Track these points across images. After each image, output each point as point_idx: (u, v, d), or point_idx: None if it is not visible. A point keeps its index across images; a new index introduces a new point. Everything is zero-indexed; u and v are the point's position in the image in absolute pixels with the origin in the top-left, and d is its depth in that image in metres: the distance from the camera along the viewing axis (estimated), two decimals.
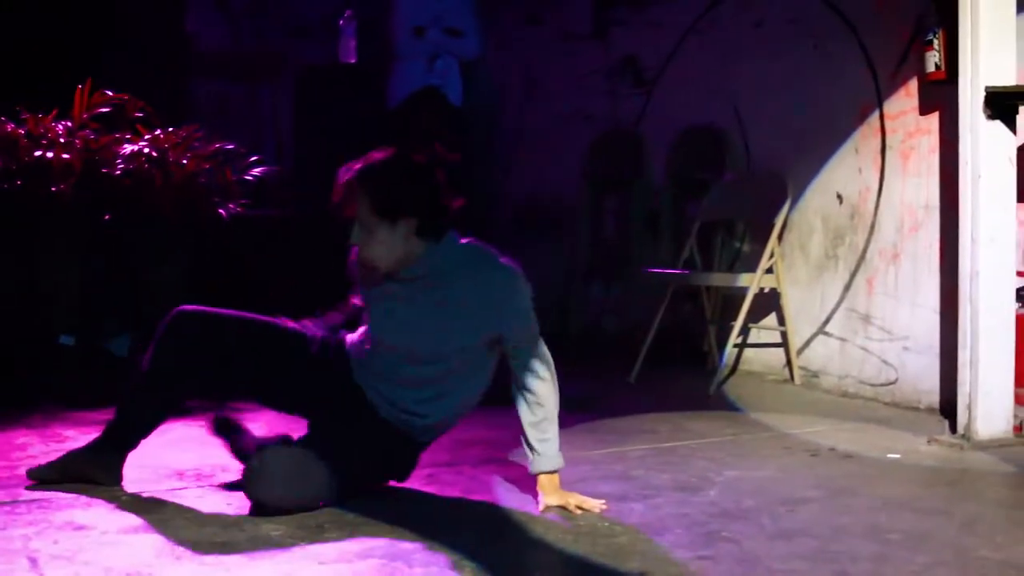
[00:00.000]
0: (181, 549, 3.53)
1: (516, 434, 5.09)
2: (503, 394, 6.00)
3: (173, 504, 4.07)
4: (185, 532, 3.72)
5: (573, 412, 5.70)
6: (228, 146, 7.08)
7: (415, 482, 4.36)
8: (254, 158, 7.29)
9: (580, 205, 8.55)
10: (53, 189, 6.45)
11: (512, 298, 4.02)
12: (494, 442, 5.06)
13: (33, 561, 3.41)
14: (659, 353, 6.98)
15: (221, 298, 6.85)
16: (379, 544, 3.60)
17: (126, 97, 6.86)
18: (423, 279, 4.01)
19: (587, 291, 8.48)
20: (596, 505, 4.00)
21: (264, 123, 9.87)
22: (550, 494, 4.03)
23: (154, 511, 3.96)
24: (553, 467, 4.06)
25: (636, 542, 3.68)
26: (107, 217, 6.63)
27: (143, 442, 4.21)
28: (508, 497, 4.21)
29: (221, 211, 6.82)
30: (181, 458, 4.67)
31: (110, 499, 4.09)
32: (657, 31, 7.96)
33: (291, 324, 4.28)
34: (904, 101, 6.16)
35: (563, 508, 3.99)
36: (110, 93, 6.81)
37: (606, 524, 3.86)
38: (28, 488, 4.17)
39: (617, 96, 8.35)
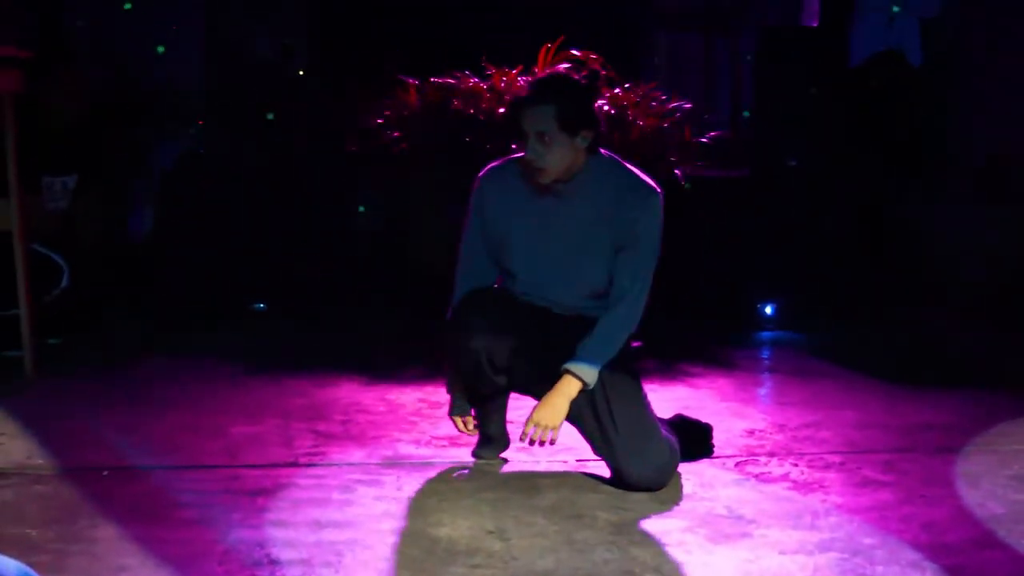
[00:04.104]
0: (643, 526, 3.64)
1: (976, 422, 4.98)
2: (949, 371, 5.85)
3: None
4: (645, 507, 3.84)
5: None
6: (687, 105, 7.08)
7: (869, 468, 4.31)
8: (709, 116, 7.26)
9: None
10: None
11: (646, 215, 4.04)
12: (951, 428, 4.94)
13: (500, 529, 3.60)
14: None
15: (672, 258, 7.01)
16: (839, 537, 3.59)
17: (592, 57, 6.92)
18: (576, 188, 4.07)
19: None
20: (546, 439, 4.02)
21: (719, 77, 9.84)
22: (545, 404, 4.01)
23: (612, 484, 4.08)
24: (578, 373, 3.99)
25: None
26: None
27: None
28: (967, 493, 4.08)
29: (677, 171, 6.85)
30: None
31: (569, 472, 4.26)
32: None
33: None
34: None
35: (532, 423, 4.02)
36: (576, 53, 6.91)
37: None
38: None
39: None
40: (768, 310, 7.52)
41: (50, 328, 5.98)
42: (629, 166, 4.15)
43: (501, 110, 6.51)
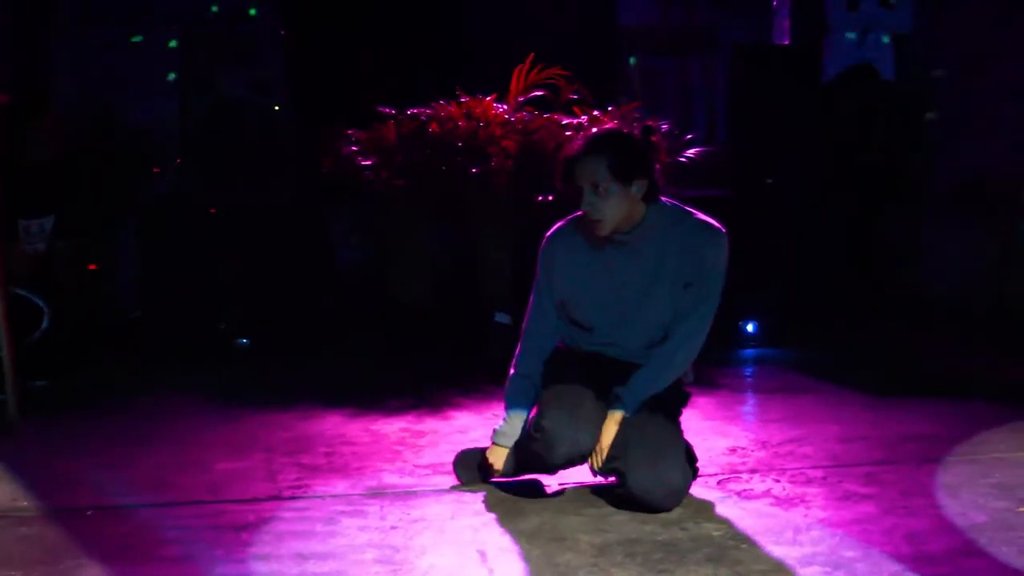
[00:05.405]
0: (625, 547, 3.65)
1: (957, 432, 5.00)
2: (929, 384, 5.86)
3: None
4: (627, 529, 3.84)
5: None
6: (663, 126, 7.08)
7: (851, 482, 4.33)
8: (688, 137, 7.27)
9: None
10: (491, 165, 6.61)
11: (713, 252, 4.13)
12: (934, 438, 4.97)
13: (482, 555, 3.62)
14: None
15: None
16: (820, 551, 3.61)
17: (563, 75, 6.92)
18: (638, 238, 4.12)
19: None
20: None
21: (694, 97, 9.90)
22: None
23: (593, 506, 4.11)
24: (625, 399, 4.11)
25: None
26: (546, 198, 6.74)
27: None
28: (948, 503, 4.10)
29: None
30: None
31: (551, 494, 4.29)
32: None
33: None
34: None
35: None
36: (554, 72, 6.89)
37: None
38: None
39: None
40: (750, 327, 7.53)
41: (33, 371, 5.97)
42: (692, 210, 4.20)
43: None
